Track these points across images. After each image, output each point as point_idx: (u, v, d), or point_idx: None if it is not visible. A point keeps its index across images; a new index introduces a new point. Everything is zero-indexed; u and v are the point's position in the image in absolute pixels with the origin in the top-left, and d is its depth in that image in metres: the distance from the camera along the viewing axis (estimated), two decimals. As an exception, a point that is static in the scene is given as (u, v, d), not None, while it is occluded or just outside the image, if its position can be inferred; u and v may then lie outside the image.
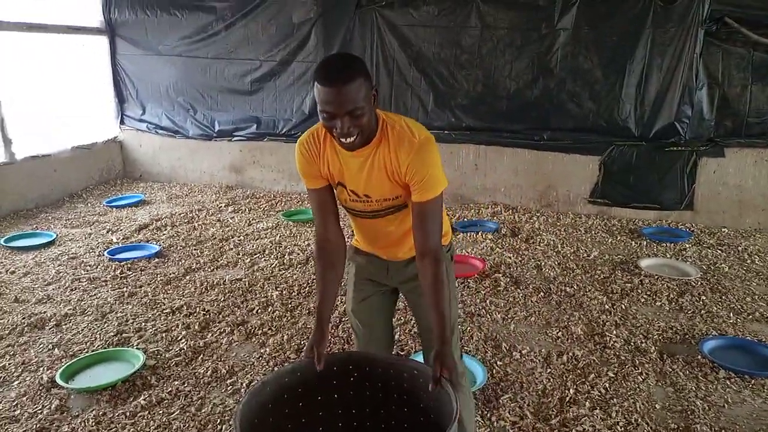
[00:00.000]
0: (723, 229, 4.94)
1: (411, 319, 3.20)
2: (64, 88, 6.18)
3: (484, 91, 5.42)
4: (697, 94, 4.91)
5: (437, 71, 5.49)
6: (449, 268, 1.91)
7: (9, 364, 2.85)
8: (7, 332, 3.15)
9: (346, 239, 1.86)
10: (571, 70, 5.14)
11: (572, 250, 4.42)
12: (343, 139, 1.58)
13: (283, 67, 5.94)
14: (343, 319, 3.30)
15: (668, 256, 4.35)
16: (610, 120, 5.15)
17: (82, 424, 2.38)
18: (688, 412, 2.47)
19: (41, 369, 2.80)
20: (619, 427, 2.36)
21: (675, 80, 4.91)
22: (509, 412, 2.46)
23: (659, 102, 5.00)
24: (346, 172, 1.73)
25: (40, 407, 2.51)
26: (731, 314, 3.39)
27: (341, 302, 3.51)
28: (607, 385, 2.66)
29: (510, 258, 4.21)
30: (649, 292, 3.67)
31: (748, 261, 4.23)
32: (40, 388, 2.64)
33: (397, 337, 3.07)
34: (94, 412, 2.47)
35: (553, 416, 2.44)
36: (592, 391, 2.61)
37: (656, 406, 2.52)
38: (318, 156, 1.75)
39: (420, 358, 2.77)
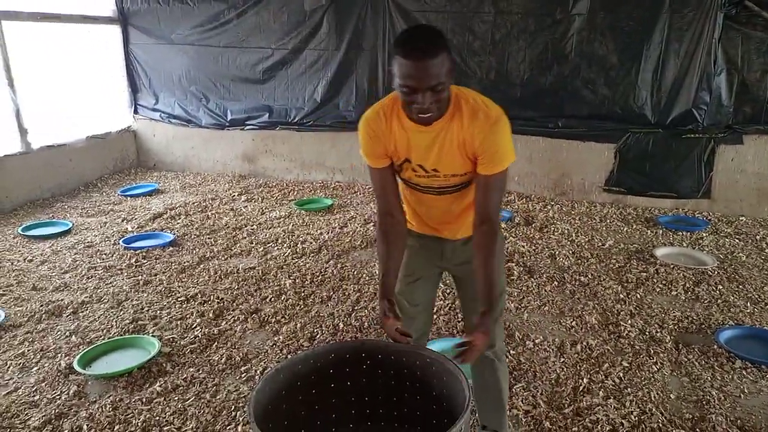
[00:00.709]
0: (741, 218, 4.87)
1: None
2: (78, 78, 6.23)
3: (497, 78, 5.36)
4: (716, 79, 4.82)
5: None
6: (502, 244, 1.95)
7: (28, 350, 2.89)
8: (25, 319, 3.20)
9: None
10: (586, 56, 5.07)
11: (587, 239, 4.39)
12: (421, 114, 1.58)
13: (295, 55, 5.92)
14: (356, 308, 3.31)
15: (684, 245, 4.30)
16: (626, 107, 5.08)
17: (100, 410, 2.42)
18: (704, 402, 2.45)
19: (59, 355, 2.84)
20: (633, 417, 2.34)
21: (693, 66, 4.82)
22: (522, 401, 2.45)
23: (676, 88, 4.92)
24: (413, 147, 1.72)
25: (58, 393, 2.55)
26: (748, 304, 3.34)
27: (352, 291, 3.52)
28: (621, 374, 2.65)
29: (524, 247, 4.19)
30: (664, 282, 3.63)
31: (767, 250, 4.17)
32: (59, 374, 2.68)
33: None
34: (111, 398, 2.50)
35: (566, 405, 2.43)
36: (606, 381, 2.60)
37: (671, 395, 2.50)
38: (384, 132, 1.73)
39: (439, 345, 2.79)
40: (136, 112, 6.71)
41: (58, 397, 2.52)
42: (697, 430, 2.28)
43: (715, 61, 4.77)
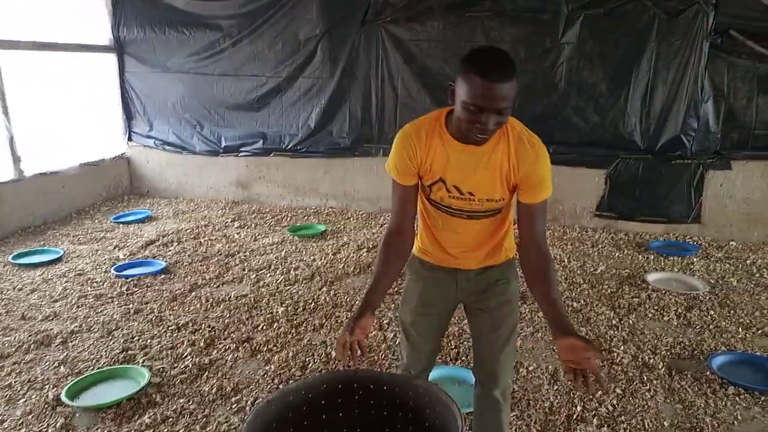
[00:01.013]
0: (731, 243, 4.91)
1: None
2: (72, 106, 6.25)
3: (489, 105, 5.43)
4: (703, 106, 4.91)
5: (442, 86, 5.47)
6: (516, 283, 1.94)
7: (15, 381, 2.85)
8: (13, 350, 3.16)
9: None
10: (576, 84, 5.16)
11: (579, 265, 4.40)
12: (480, 135, 1.56)
13: (289, 83, 5.98)
14: (349, 335, 3.29)
15: (676, 270, 4.32)
16: (616, 133, 5.15)
17: (87, 443, 2.38)
18: (697, 430, 2.44)
19: (47, 387, 2.80)
20: (627, 445, 2.33)
21: (680, 93, 4.91)
22: (516, 430, 2.43)
23: (665, 115, 5.00)
24: (452, 167, 1.70)
25: (45, 426, 2.50)
26: (740, 329, 3.35)
27: (345, 318, 3.50)
28: (615, 402, 2.64)
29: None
30: (656, 307, 3.64)
31: (757, 275, 4.20)
32: (46, 406, 2.64)
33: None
34: (99, 430, 2.46)
35: (560, 434, 2.41)
36: (599, 408, 2.58)
37: (665, 423, 2.49)
38: (422, 149, 1.71)
39: (434, 373, 2.76)
40: (130, 139, 6.73)
41: (44, 430, 2.48)
42: (692, 458, 2.27)
43: (702, 88, 4.86)
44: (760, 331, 3.34)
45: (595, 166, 5.25)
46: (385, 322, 3.45)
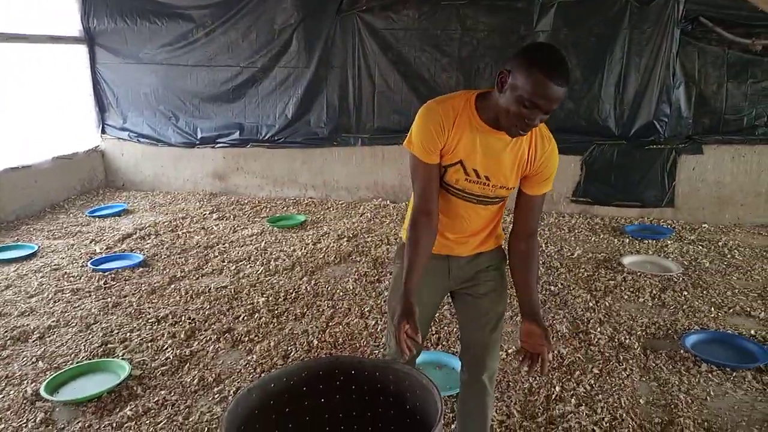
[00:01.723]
0: (703, 225, 5.03)
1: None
2: (43, 98, 6.12)
3: (466, 93, 5.45)
4: (675, 92, 5.00)
5: (418, 74, 5.53)
6: (504, 271, 1.97)
7: (-8, 378, 2.81)
8: (-11, 346, 3.11)
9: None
10: (551, 71, 5.19)
11: (556, 249, 4.47)
12: (523, 130, 1.58)
13: (264, 73, 5.93)
14: (330, 324, 3.31)
15: (650, 252, 4.41)
16: (591, 120, 5.22)
17: (68, 437, 2.36)
18: (672, 406, 2.51)
19: (25, 382, 2.76)
20: (604, 423, 2.39)
21: (653, 79, 5.00)
22: (496, 411, 2.48)
23: (638, 101, 5.09)
24: (475, 151, 1.70)
25: (24, 421, 2.48)
26: (712, 309, 3.44)
27: (326, 307, 3.51)
28: (592, 381, 2.70)
29: (495, 258, 4.24)
30: (632, 289, 3.72)
31: (728, 256, 4.31)
32: (24, 401, 2.61)
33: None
34: (80, 424, 2.45)
35: (539, 414, 2.46)
36: (577, 388, 2.64)
37: (640, 401, 2.56)
38: (451, 127, 1.69)
39: (420, 358, 2.79)
40: (103, 131, 6.62)
41: (24, 425, 2.45)
42: (666, 433, 2.33)
43: (674, 74, 4.95)
44: (731, 310, 3.43)
45: (570, 153, 5.32)
46: (366, 309, 3.47)
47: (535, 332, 1.70)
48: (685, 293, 3.65)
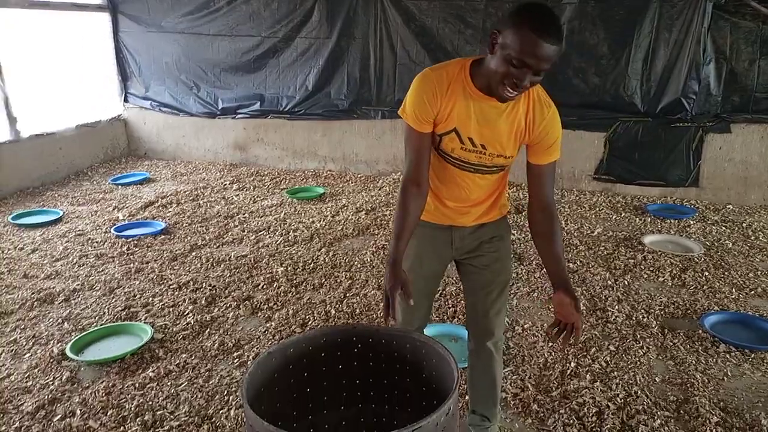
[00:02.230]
0: (728, 206, 4.93)
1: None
2: (67, 66, 6.17)
3: (489, 67, 5.37)
4: (704, 69, 4.86)
5: (441, 46, 5.45)
6: (509, 240, 1.97)
7: (20, 337, 2.90)
8: (17, 307, 3.21)
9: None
10: (577, 45, 5.09)
11: (576, 227, 4.43)
12: (511, 91, 1.53)
13: (286, 44, 5.90)
14: (347, 295, 3.34)
15: (672, 232, 4.36)
16: (616, 96, 5.11)
17: (93, 395, 2.44)
18: (688, 385, 2.50)
19: (51, 342, 2.85)
20: (618, 399, 2.39)
21: (682, 55, 4.86)
22: (511, 385, 2.50)
23: (666, 77, 4.96)
24: (470, 118, 1.68)
25: (51, 379, 2.56)
26: (733, 290, 3.40)
27: (344, 278, 3.54)
28: (608, 358, 2.70)
29: (513, 234, 4.22)
30: (652, 268, 3.68)
31: (752, 237, 4.24)
32: (51, 360, 2.70)
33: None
34: (104, 383, 2.52)
35: (554, 388, 2.48)
36: (593, 365, 2.65)
37: (656, 378, 2.55)
38: (444, 94, 1.66)
39: (432, 330, 2.82)
40: (126, 100, 6.67)
41: (51, 382, 2.54)
42: (681, 411, 2.33)
43: (704, 50, 4.81)
44: (753, 292, 3.39)
45: (594, 129, 5.23)
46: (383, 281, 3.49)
47: (565, 301, 1.69)
48: (706, 274, 3.61)
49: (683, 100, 4.94)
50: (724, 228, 4.43)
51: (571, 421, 2.27)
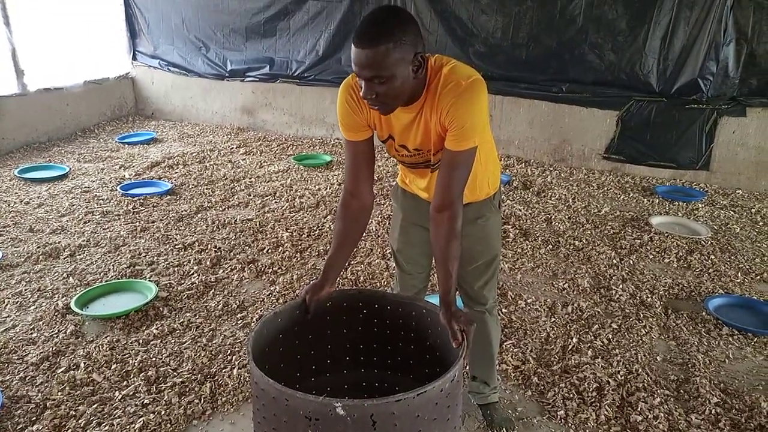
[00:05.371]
0: (737, 191, 4.89)
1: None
2: (76, 20, 6.08)
3: (503, 38, 5.27)
4: (724, 49, 4.75)
5: (456, 15, 5.34)
6: (496, 219, 1.90)
7: (25, 290, 2.92)
8: (22, 260, 3.22)
9: (375, 197, 1.83)
10: (595, 20, 4.98)
11: (583, 205, 4.40)
12: (371, 105, 1.49)
13: (297, 6, 5.79)
14: (352, 263, 3.34)
15: (680, 214, 4.32)
16: (632, 74, 5.02)
17: (97, 349, 2.46)
18: (689, 365, 2.51)
19: (56, 296, 2.87)
20: (619, 376, 2.40)
21: (702, 34, 4.75)
22: (512, 357, 2.50)
23: (684, 57, 4.86)
24: (396, 125, 1.63)
25: (56, 331, 2.58)
26: (739, 274, 3.39)
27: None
28: (610, 336, 2.70)
29: (520, 210, 4.20)
30: (658, 249, 3.67)
31: (761, 223, 4.20)
32: (56, 313, 2.72)
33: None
34: (108, 338, 2.54)
35: (555, 363, 2.48)
36: (594, 341, 2.65)
37: (657, 358, 2.56)
38: (365, 104, 1.59)
39: (437, 299, 2.82)
40: (134, 58, 6.60)
41: (55, 335, 2.56)
42: (681, 391, 2.34)
43: (725, 30, 4.70)
44: (758, 277, 3.37)
45: (607, 107, 5.15)
46: (387, 251, 3.49)
47: (443, 323, 1.49)
48: (712, 257, 3.59)
49: (700, 81, 4.85)
50: (732, 212, 4.39)
51: (571, 395, 2.28)
